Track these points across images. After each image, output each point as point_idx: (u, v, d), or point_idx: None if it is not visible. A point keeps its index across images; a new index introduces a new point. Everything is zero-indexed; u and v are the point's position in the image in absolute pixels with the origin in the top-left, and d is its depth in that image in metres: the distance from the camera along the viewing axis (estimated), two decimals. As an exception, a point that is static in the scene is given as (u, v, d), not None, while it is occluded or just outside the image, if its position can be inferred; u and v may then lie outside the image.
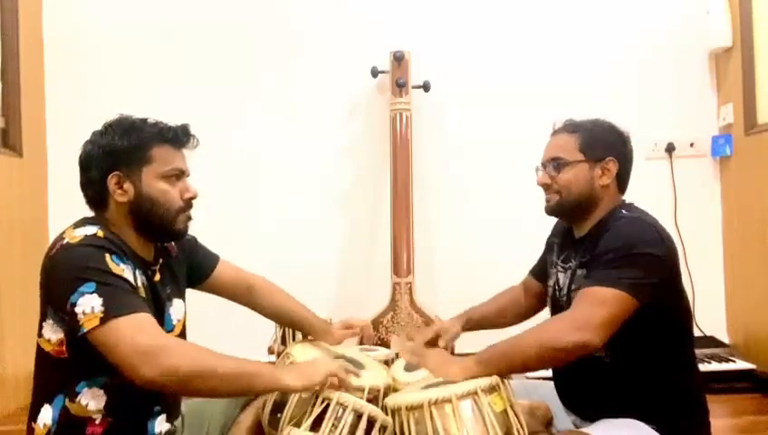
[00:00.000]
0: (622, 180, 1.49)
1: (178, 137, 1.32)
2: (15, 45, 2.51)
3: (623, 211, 1.42)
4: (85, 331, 1.11)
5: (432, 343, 1.65)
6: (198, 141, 1.36)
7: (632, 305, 1.26)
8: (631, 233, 1.33)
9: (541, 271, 1.69)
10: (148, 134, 1.29)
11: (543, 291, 1.66)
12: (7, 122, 2.50)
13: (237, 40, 2.80)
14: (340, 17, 2.83)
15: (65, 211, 1.35)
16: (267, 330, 2.16)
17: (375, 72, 2.68)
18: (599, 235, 1.39)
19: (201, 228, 1.55)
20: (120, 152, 1.26)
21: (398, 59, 2.64)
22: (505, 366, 1.29)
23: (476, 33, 2.82)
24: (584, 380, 1.44)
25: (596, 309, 1.25)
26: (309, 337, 1.69)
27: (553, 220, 1.64)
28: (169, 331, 1.35)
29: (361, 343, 1.86)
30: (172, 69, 2.76)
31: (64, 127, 2.70)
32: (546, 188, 1.50)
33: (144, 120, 1.31)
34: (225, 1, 2.79)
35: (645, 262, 1.28)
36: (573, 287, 1.44)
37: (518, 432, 1.21)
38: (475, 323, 1.73)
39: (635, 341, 1.33)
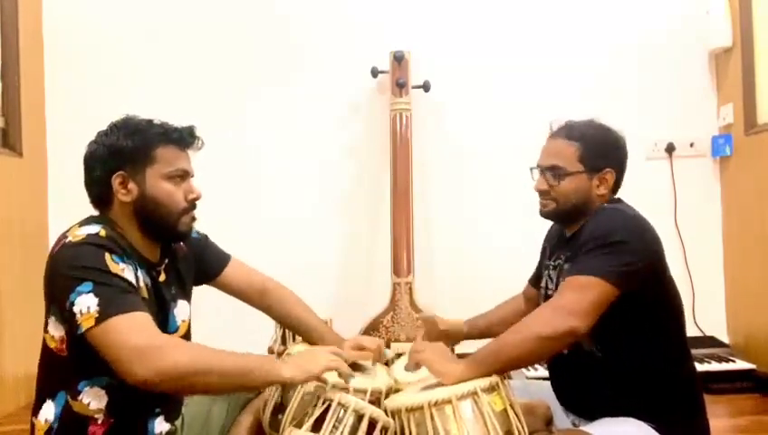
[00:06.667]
0: (616, 186, 1.51)
1: (184, 138, 1.32)
2: (15, 45, 2.51)
3: (605, 205, 1.46)
4: (83, 330, 1.11)
5: (437, 338, 1.66)
6: (204, 143, 1.37)
7: (612, 292, 1.28)
8: (608, 222, 1.36)
9: (538, 278, 1.71)
10: (154, 135, 1.29)
11: None
12: (7, 122, 2.49)
13: (238, 40, 2.79)
14: (341, 17, 2.82)
15: (65, 211, 1.35)
16: (267, 330, 2.16)
17: (375, 72, 2.68)
18: (583, 230, 1.42)
19: (201, 228, 1.56)
20: (124, 152, 1.27)
21: (398, 59, 2.64)
22: (497, 364, 1.30)
23: (476, 33, 2.82)
24: (578, 377, 1.45)
25: (578, 295, 1.28)
26: None
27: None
28: (173, 331, 1.35)
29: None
30: (172, 69, 2.76)
31: (64, 127, 2.70)
32: (543, 193, 1.51)
33: (150, 121, 1.31)
34: (225, 1, 2.79)
35: (621, 250, 1.30)
36: (561, 282, 1.45)
37: (518, 431, 1.21)
38: (479, 331, 1.74)
39: (624, 334, 1.36)
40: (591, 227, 1.38)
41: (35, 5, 2.70)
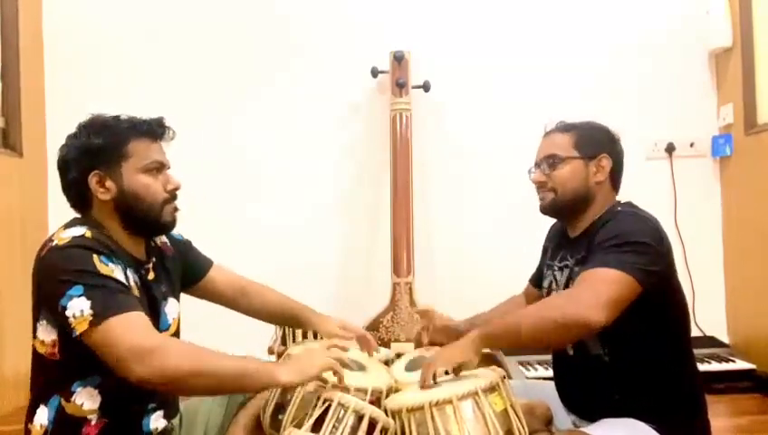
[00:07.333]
0: (615, 178, 1.50)
1: (153, 129, 1.31)
2: (15, 45, 2.51)
3: (620, 208, 1.44)
4: (77, 333, 1.11)
5: (436, 332, 1.67)
6: (175, 133, 1.34)
7: (636, 289, 1.24)
8: (631, 223, 1.35)
9: (539, 278, 1.70)
10: (123, 129, 1.28)
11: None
12: (7, 122, 2.50)
13: (238, 40, 2.80)
14: (340, 17, 2.83)
15: (65, 211, 1.35)
16: (267, 330, 2.15)
17: (375, 72, 2.68)
18: (596, 230, 1.39)
19: (201, 228, 1.56)
20: (96, 151, 1.26)
21: (398, 59, 2.64)
22: (506, 339, 1.31)
23: (476, 33, 2.82)
24: (584, 378, 1.45)
25: (601, 288, 1.22)
26: (309, 336, 1.67)
27: (552, 220, 1.64)
28: (165, 329, 1.34)
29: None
30: (172, 69, 2.76)
31: (64, 127, 2.67)
32: (541, 185, 1.51)
33: (117, 117, 1.30)
34: (225, 1, 2.79)
35: (645, 250, 1.28)
36: (572, 284, 1.44)
37: (519, 431, 1.21)
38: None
39: (632, 338, 1.34)
40: (612, 226, 1.35)
41: (35, 6, 2.70)
